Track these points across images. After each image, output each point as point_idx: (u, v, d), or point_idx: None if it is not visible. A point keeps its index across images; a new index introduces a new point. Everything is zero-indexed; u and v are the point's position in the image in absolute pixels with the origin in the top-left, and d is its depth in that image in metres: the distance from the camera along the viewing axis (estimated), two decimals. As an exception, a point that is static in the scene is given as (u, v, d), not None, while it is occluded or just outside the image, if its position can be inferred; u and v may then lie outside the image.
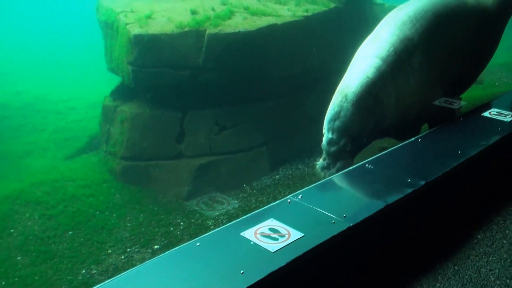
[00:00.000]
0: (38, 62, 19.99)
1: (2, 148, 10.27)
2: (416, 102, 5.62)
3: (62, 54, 21.39)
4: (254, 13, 8.57)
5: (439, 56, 5.79)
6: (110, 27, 9.36)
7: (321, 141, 5.23)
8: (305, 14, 8.77)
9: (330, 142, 5.16)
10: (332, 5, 9.50)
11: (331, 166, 5.19)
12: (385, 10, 11.99)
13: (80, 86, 15.82)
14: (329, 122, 5.18)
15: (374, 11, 11.88)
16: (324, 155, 5.25)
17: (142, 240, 5.18)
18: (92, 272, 4.87)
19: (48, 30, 25.14)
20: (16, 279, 5.02)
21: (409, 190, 3.63)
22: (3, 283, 4.99)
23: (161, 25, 8.07)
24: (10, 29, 24.80)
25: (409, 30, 5.58)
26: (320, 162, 5.31)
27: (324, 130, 5.19)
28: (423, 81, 5.58)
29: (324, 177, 4.96)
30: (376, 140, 5.88)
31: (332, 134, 5.16)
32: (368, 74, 5.32)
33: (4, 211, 6.45)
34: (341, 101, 5.18)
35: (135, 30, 7.94)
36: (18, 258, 5.46)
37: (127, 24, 8.25)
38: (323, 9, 9.21)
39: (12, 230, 6.01)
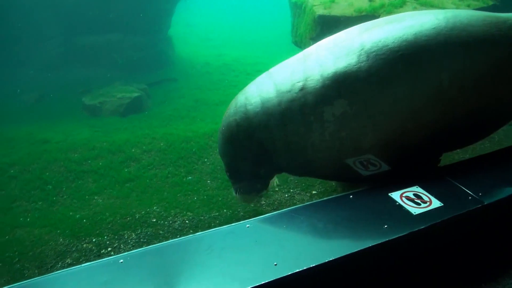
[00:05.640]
0: (236, 31, 20.82)
1: (203, 97, 11.01)
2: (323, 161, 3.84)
3: (255, 27, 22.03)
4: (423, 4, 8.20)
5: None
6: (298, 7, 9.46)
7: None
8: (467, 8, 8.22)
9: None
10: (491, 3, 8.87)
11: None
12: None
13: (266, 53, 16.23)
14: None
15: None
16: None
17: (303, 184, 5.27)
18: (261, 203, 5.09)
19: (246, 7, 26.00)
20: (204, 197, 5.41)
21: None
22: (195, 198, 5.41)
23: (342, 8, 7.99)
24: (216, 3, 26.03)
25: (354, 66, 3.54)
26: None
27: None
28: (340, 144, 3.65)
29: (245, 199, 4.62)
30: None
31: None
32: (248, 107, 4.03)
33: (201, 144, 6.95)
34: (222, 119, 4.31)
35: (320, 11, 7.96)
36: (208, 181, 5.86)
37: (313, 5, 8.29)
38: (483, 5, 8.60)
39: (205, 160, 6.46)
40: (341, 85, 3.54)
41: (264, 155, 4.07)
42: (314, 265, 2.51)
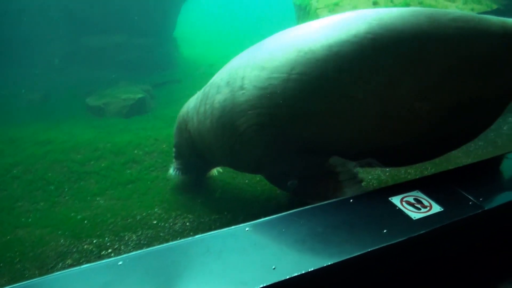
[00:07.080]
0: (241, 33, 20.90)
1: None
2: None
3: (260, 28, 22.14)
4: (426, 7, 8.27)
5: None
6: (302, 10, 9.50)
7: None
8: (470, 12, 8.28)
9: None
10: (495, 7, 9.12)
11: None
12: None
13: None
14: None
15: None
16: None
17: (304, 188, 5.29)
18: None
19: (252, 8, 26.12)
20: (205, 199, 5.42)
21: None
22: (198, 200, 5.41)
23: (345, 11, 8.02)
24: (221, 5, 26.16)
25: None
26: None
27: None
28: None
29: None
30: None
31: None
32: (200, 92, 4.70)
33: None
34: None
35: (324, 14, 8.00)
36: (209, 184, 5.85)
37: (317, 8, 8.33)
38: (486, 9, 8.73)
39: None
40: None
41: (191, 141, 4.53)
42: (312, 269, 2.51)
